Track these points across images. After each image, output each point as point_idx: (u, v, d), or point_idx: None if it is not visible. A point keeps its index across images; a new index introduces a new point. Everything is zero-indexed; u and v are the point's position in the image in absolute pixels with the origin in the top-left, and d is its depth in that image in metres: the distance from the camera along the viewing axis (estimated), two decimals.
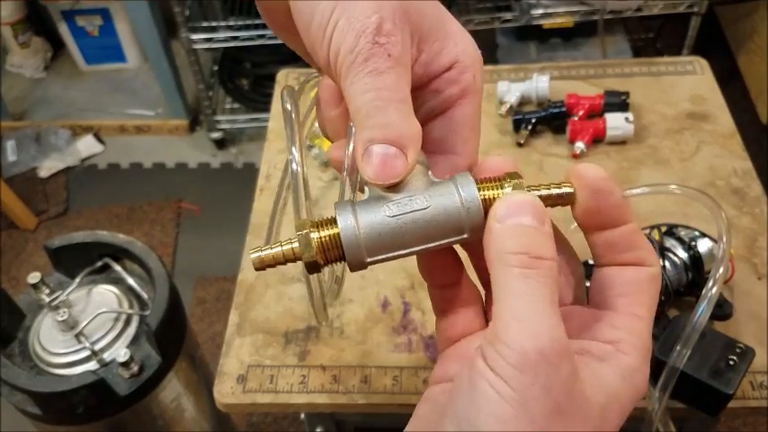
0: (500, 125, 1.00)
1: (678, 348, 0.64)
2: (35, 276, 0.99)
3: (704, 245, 0.75)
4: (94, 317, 0.97)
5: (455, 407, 0.29)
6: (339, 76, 0.33)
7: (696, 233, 0.77)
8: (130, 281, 1.06)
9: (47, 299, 0.99)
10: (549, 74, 1.04)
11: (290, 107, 0.43)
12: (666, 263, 0.74)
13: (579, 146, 0.95)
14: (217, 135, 2.28)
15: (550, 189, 0.34)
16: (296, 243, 0.34)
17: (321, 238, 0.33)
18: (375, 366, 0.77)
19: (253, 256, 0.34)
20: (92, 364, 0.97)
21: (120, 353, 0.92)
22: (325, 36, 0.33)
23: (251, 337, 0.80)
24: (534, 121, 0.97)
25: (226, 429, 1.33)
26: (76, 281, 1.04)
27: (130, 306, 1.03)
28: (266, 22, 0.39)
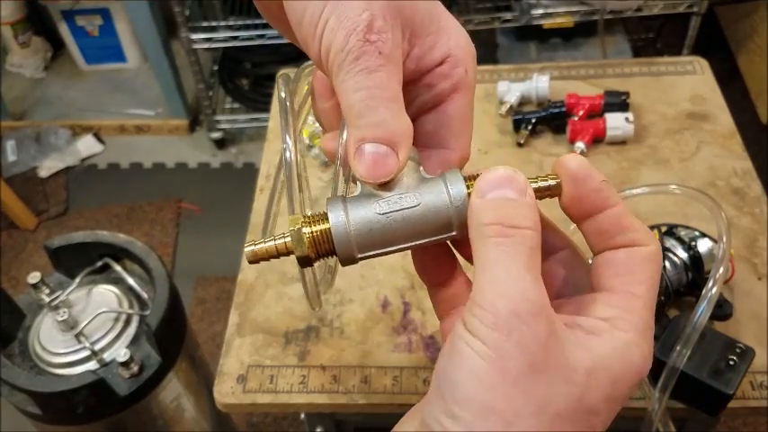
0: (500, 125, 1.00)
1: (678, 348, 0.64)
2: (35, 276, 0.99)
3: (704, 245, 0.75)
4: (94, 317, 0.97)
5: (437, 370, 0.30)
6: (330, 73, 0.34)
7: (696, 233, 0.77)
8: (130, 281, 1.06)
9: (47, 299, 0.99)
10: (549, 74, 1.03)
11: (284, 95, 0.43)
12: (666, 263, 0.74)
13: (579, 146, 0.94)
14: (217, 135, 2.28)
15: (537, 182, 0.34)
16: (288, 238, 0.35)
17: (313, 233, 0.34)
18: (375, 366, 0.77)
19: (246, 249, 0.35)
20: (92, 364, 0.97)
21: (120, 353, 0.92)
22: (316, 33, 0.33)
23: (251, 337, 0.80)
24: (534, 121, 0.97)
25: (226, 429, 1.33)
26: (76, 281, 1.04)
27: (130, 306, 1.03)
28: (261, 13, 0.39)
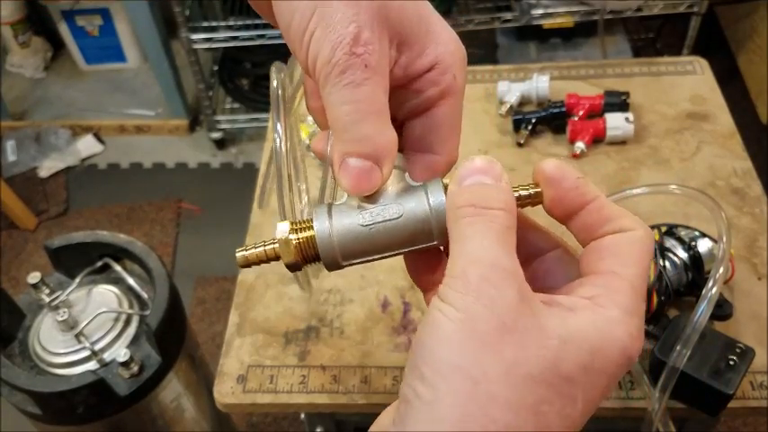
0: (500, 125, 1.00)
1: (678, 348, 0.64)
2: (35, 276, 0.99)
3: (704, 245, 0.75)
4: (94, 317, 0.97)
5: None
6: (317, 82, 0.34)
7: (696, 233, 0.76)
8: (130, 281, 1.06)
9: (47, 299, 0.99)
10: (549, 74, 1.03)
11: (276, 83, 0.43)
12: (666, 263, 0.74)
13: (579, 146, 0.94)
14: (217, 135, 2.28)
15: (519, 191, 0.35)
16: (277, 244, 0.36)
17: (299, 240, 0.36)
18: (375, 366, 0.77)
19: (238, 254, 0.37)
20: (92, 364, 0.97)
21: (120, 353, 0.92)
22: (303, 42, 0.33)
23: (251, 337, 0.80)
24: (534, 121, 0.97)
25: (226, 429, 1.33)
26: (76, 281, 1.03)
27: (130, 306, 1.03)
28: (255, 9, 0.39)
